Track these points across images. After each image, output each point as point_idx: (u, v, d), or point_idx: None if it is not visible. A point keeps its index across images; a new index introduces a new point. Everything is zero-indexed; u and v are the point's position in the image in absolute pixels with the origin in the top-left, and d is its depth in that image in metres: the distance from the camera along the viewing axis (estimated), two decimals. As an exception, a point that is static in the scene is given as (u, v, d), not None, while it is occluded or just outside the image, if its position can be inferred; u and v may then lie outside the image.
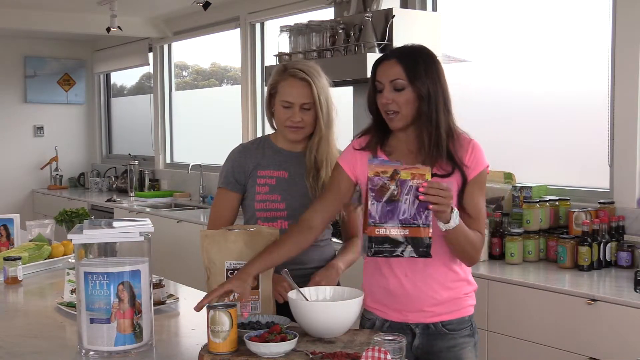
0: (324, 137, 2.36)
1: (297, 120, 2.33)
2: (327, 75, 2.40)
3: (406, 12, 3.99)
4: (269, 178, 2.40)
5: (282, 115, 2.36)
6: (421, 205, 1.84)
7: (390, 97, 2.01)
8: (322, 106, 2.33)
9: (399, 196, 1.83)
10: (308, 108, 2.33)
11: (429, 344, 2.09)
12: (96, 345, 1.92)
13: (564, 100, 3.69)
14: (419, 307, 2.07)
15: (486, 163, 2.08)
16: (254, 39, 5.70)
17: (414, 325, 2.09)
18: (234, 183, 2.43)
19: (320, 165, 2.36)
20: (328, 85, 2.39)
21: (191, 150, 6.81)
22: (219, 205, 2.48)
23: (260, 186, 2.40)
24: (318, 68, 2.39)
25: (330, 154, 2.37)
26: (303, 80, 2.32)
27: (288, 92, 2.34)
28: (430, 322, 2.08)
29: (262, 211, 2.39)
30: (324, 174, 2.35)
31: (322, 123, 2.34)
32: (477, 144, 2.08)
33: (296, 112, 2.33)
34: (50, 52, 7.79)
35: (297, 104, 2.32)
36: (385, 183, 1.83)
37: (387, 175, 1.83)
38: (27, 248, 3.16)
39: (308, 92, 2.32)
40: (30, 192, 7.75)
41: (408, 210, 1.84)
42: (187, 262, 5.00)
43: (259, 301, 2.06)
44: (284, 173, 2.41)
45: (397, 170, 1.83)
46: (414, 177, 1.84)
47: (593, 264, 3.13)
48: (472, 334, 2.12)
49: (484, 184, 2.09)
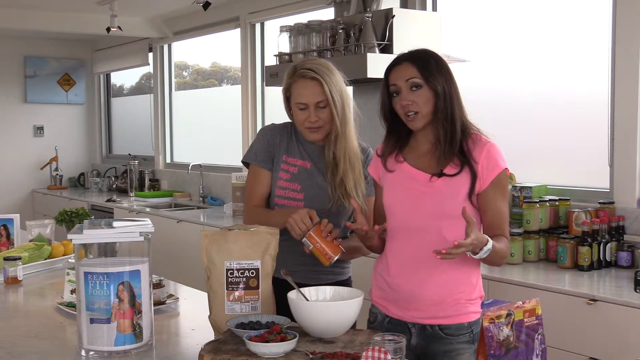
0: (341, 134, 2.36)
1: (314, 121, 2.34)
2: (345, 78, 2.40)
3: (406, 12, 3.99)
4: (292, 166, 2.43)
5: (299, 117, 2.37)
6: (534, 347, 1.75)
7: (409, 98, 2.03)
8: (335, 103, 2.33)
9: (514, 342, 1.71)
10: (323, 106, 2.34)
11: (426, 345, 2.08)
12: (96, 345, 1.92)
13: (564, 100, 3.69)
14: (417, 307, 2.07)
15: (504, 165, 2.06)
16: (254, 39, 5.70)
17: (411, 324, 2.09)
18: (266, 160, 2.45)
19: (339, 161, 2.37)
20: (341, 80, 2.38)
21: (191, 150, 6.81)
22: (254, 182, 2.46)
23: (283, 172, 2.42)
24: (329, 65, 2.38)
25: (349, 149, 2.38)
26: (314, 80, 2.32)
27: (301, 94, 2.35)
28: (427, 324, 2.07)
29: (281, 198, 2.42)
30: (342, 170, 2.36)
31: (337, 120, 2.35)
32: (494, 145, 2.07)
33: (312, 112, 2.34)
34: (50, 52, 7.79)
35: (312, 104, 2.33)
36: (508, 335, 1.70)
37: (502, 320, 1.72)
38: (27, 248, 3.16)
39: (320, 91, 2.32)
40: (30, 192, 7.75)
41: (524, 354, 1.75)
42: (187, 262, 5.00)
43: (259, 301, 2.06)
44: (306, 164, 2.43)
45: (510, 312, 1.72)
46: (526, 315, 1.74)
47: (593, 264, 3.13)
48: (472, 340, 2.06)
49: (504, 186, 2.08)
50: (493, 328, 1.69)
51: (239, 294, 2.05)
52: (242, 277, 2.05)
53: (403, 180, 2.12)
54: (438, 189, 2.05)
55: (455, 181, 2.04)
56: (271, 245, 2.09)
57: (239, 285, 2.05)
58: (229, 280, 2.05)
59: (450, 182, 2.04)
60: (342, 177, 2.36)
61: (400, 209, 2.10)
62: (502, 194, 2.06)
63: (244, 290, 2.05)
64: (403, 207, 2.10)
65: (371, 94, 4.15)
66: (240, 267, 2.06)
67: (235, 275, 2.05)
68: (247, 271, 2.06)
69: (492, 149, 2.05)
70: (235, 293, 2.05)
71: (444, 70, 2.05)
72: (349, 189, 2.37)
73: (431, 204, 2.05)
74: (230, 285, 2.05)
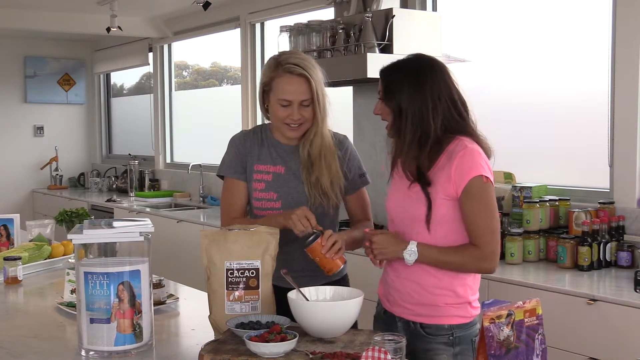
0: (319, 131, 2.30)
1: (297, 119, 2.26)
2: (326, 74, 2.32)
3: (406, 12, 3.99)
4: (265, 174, 2.36)
5: (280, 113, 2.26)
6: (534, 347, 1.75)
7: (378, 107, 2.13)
8: (319, 101, 2.26)
9: (514, 342, 1.67)
10: (307, 104, 2.25)
11: (411, 342, 2.09)
12: (96, 345, 1.92)
13: (564, 100, 3.69)
14: (400, 302, 2.14)
15: (476, 172, 1.99)
16: (254, 39, 5.70)
17: (398, 318, 2.16)
18: (240, 171, 2.38)
19: (315, 159, 2.31)
20: (322, 75, 2.29)
21: (191, 150, 6.81)
22: (230, 194, 2.39)
23: (257, 182, 2.36)
24: (311, 59, 2.29)
25: (324, 147, 2.31)
26: (301, 77, 2.22)
27: (285, 90, 2.23)
28: (410, 320, 2.12)
29: (259, 209, 2.38)
30: (317, 169, 2.30)
31: (319, 118, 2.28)
32: (470, 151, 2.00)
33: (295, 110, 2.24)
34: (50, 52, 7.79)
35: (297, 102, 2.24)
36: (508, 335, 1.70)
37: (502, 319, 1.72)
38: (27, 248, 3.16)
39: (306, 88, 2.23)
40: (30, 192, 7.75)
41: (524, 354, 1.75)
42: (187, 262, 5.00)
43: (259, 301, 2.06)
44: (280, 168, 2.36)
45: (511, 312, 1.72)
46: (526, 315, 1.73)
47: (593, 264, 3.13)
48: (451, 343, 2.08)
49: (480, 194, 2.00)
50: (493, 328, 1.69)
51: (239, 294, 2.05)
52: (242, 277, 2.05)
53: (396, 183, 2.18)
54: (415, 195, 2.08)
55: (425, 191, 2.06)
56: (271, 245, 2.09)
57: (239, 285, 2.05)
58: (229, 280, 2.05)
59: (421, 192, 2.07)
60: (317, 176, 2.30)
61: (395, 216, 2.18)
62: (476, 200, 2.00)
63: (244, 290, 2.05)
64: (396, 213, 2.17)
65: (371, 94, 4.14)
66: (240, 267, 2.06)
67: (235, 275, 2.05)
68: (247, 271, 2.06)
69: (464, 157, 2.00)
70: (235, 293, 2.04)
71: (410, 87, 2.04)
72: (325, 187, 2.31)
73: (410, 208, 2.09)
74: (230, 285, 2.05)
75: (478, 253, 2.03)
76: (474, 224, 2.02)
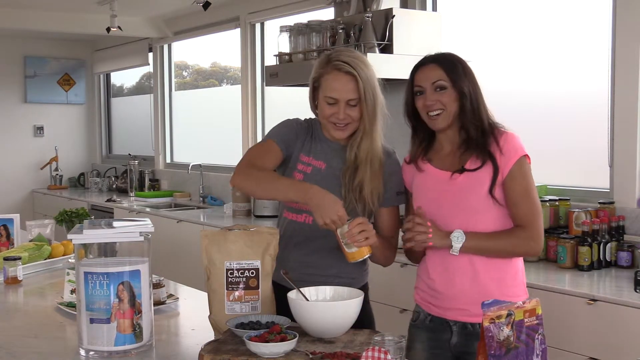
0: (367, 134, 2.19)
1: (342, 118, 2.17)
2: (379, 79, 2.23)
3: (406, 12, 3.99)
4: (306, 165, 2.26)
5: (326, 111, 2.19)
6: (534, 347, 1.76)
7: (433, 98, 2.09)
8: (367, 101, 2.15)
9: (514, 342, 1.67)
10: (354, 104, 2.16)
11: (467, 344, 2.10)
12: (96, 345, 1.92)
13: (564, 100, 3.69)
14: (460, 306, 2.10)
15: (522, 152, 2.08)
16: (254, 39, 5.70)
17: (452, 322, 2.13)
18: (287, 144, 2.26)
19: (360, 163, 2.20)
20: (375, 76, 2.20)
21: (191, 150, 6.81)
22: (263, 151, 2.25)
23: (298, 172, 2.26)
24: (364, 58, 2.21)
25: (372, 151, 2.20)
26: (349, 75, 2.14)
27: (332, 88, 2.17)
28: (468, 322, 2.10)
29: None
30: (362, 173, 2.20)
31: (366, 119, 2.17)
32: (511, 135, 2.10)
33: (341, 109, 2.16)
34: (50, 52, 7.79)
35: (343, 101, 2.16)
36: (508, 335, 1.71)
37: (502, 320, 1.72)
38: (27, 248, 3.16)
39: (354, 87, 2.15)
40: (30, 192, 7.75)
41: (524, 354, 1.75)
42: (187, 262, 5.00)
43: (259, 301, 2.06)
44: (321, 164, 2.26)
45: (511, 312, 1.72)
46: (526, 315, 1.74)
47: (593, 264, 3.13)
48: None
49: (526, 174, 2.08)
50: (493, 328, 1.69)
51: (239, 294, 2.05)
52: (242, 277, 2.05)
53: (427, 182, 2.17)
54: (459, 185, 2.09)
55: (476, 175, 2.07)
56: (271, 245, 2.09)
57: (239, 285, 2.05)
58: (229, 280, 2.05)
59: (472, 177, 2.08)
60: (360, 180, 2.20)
61: (426, 212, 2.10)
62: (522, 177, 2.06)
63: (244, 290, 2.05)
64: (429, 209, 2.11)
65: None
66: (240, 267, 2.06)
67: (235, 275, 2.05)
68: (247, 271, 2.06)
69: (509, 138, 2.09)
70: (235, 293, 2.05)
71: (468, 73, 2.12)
72: (365, 193, 2.21)
73: (452, 200, 2.09)
74: (230, 285, 2.05)
75: (526, 233, 2.06)
76: (520, 205, 2.06)
